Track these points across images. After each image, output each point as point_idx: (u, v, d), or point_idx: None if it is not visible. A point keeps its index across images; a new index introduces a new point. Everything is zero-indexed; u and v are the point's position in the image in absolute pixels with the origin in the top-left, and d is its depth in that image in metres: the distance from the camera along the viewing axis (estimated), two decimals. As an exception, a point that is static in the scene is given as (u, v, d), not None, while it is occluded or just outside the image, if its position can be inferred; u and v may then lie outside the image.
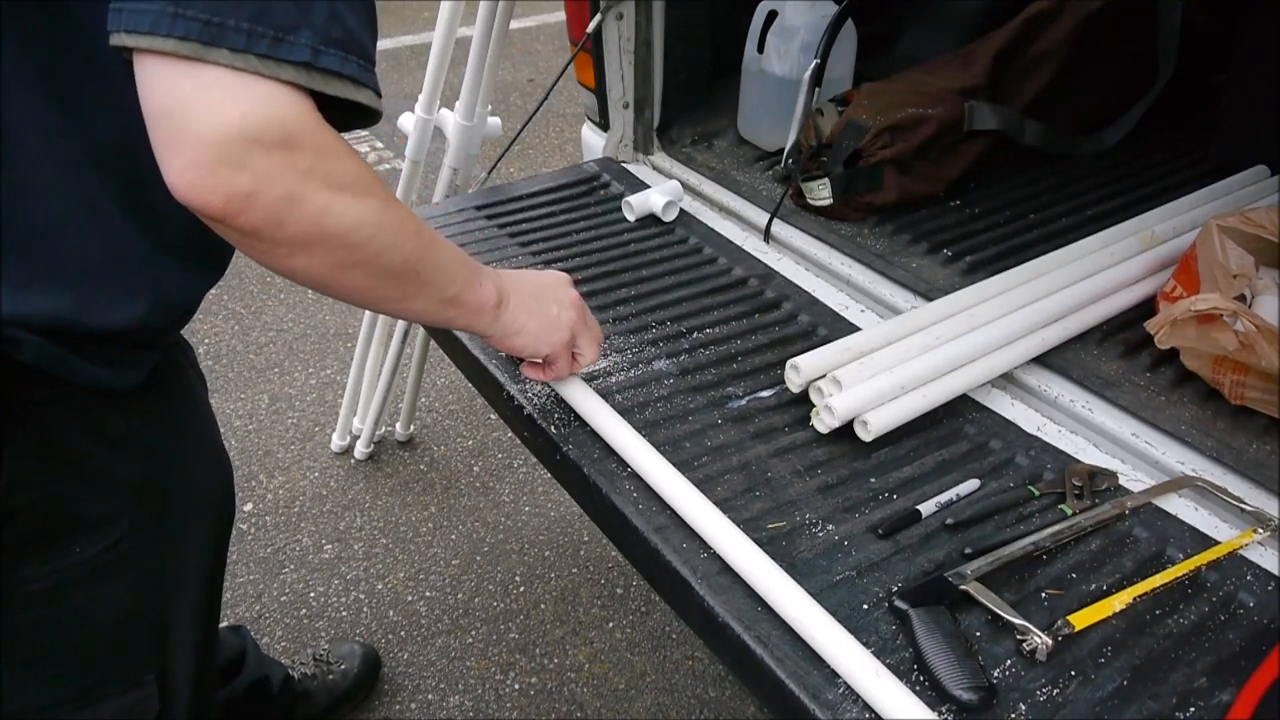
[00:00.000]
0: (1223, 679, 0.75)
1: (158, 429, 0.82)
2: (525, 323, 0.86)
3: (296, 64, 0.58)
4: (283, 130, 0.59)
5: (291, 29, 0.57)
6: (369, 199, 0.65)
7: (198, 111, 0.56)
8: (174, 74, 0.56)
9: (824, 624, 0.75)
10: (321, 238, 0.63)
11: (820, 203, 1.34)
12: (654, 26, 1.47)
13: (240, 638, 1.38)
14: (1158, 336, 1.03)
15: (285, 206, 0.60)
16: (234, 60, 0.56)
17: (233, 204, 0.58)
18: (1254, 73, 1.43)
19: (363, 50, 0.62)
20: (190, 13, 0.55)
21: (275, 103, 0.58)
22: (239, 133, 0.57)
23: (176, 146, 0.57)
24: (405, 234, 0.70)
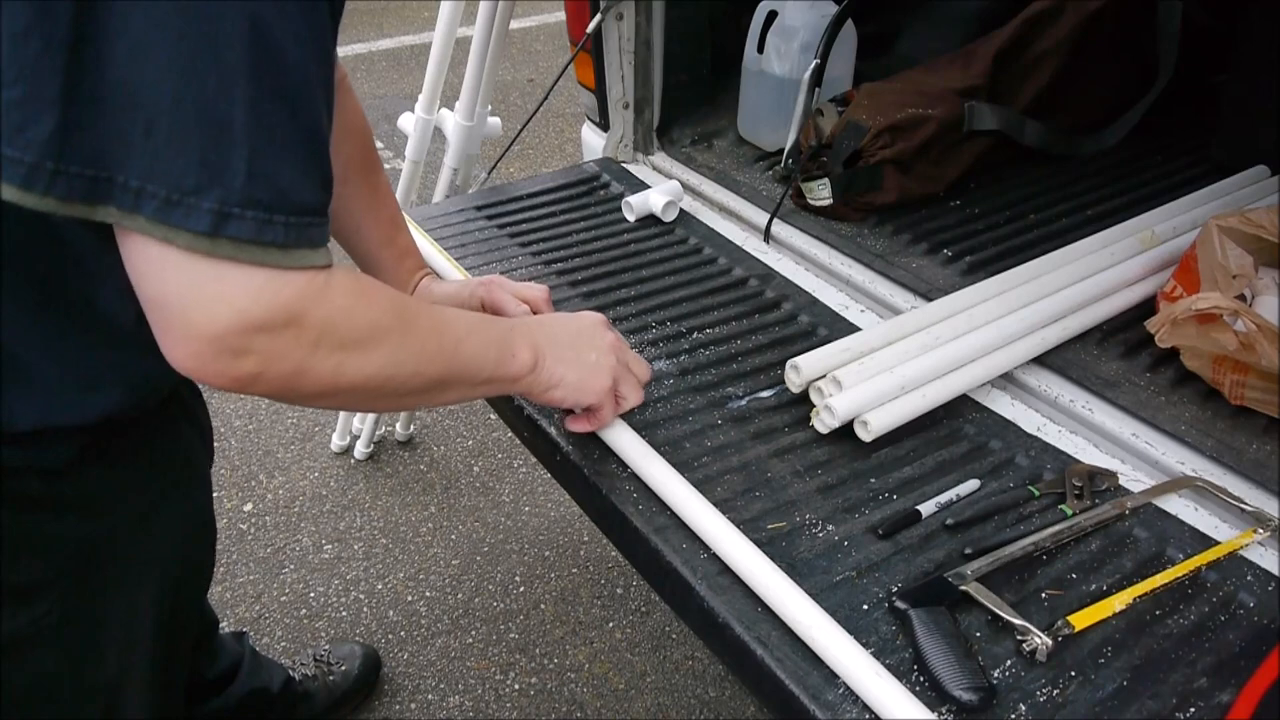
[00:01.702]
0: (1223, 679, 0.75)
1: (110, 488, 0.77)
2: (563, 374, 0.83)
3: (194, 232, 0.51)
4: (286, 313, 0.56)
5: (194, 190, 0.51)
6: (383, 345, 0.64)
7: (190, 307, 0.54)
8: (163, 257, 0.52)
9: (823, 624, 0.75)
10: (338, 391, 0.63)
11: (820, 203, 1.34)
12: (654, 26, 1.47)
13: (240, 645, 1.37)
14: (1158, 335, 1.03)
15: (294, 379, 0.59)
16: (124, 221, 0.51)
17: (240, 384, 0.57)
18: (1254, 73, 1.43)
19: (294, 203, 0.55)
20: (74, 168, 0.50)
21: (274, 285, 0.55)
22: (239, 325, 0.54)
23: (173, 337, 0.55)
24: (426, 359, 0.69)
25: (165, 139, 0.49)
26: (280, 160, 0.53)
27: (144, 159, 0.50)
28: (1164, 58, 1.53)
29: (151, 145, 0.49)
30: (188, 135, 0.50)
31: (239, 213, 0.52)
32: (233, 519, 1.89)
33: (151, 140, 0.49)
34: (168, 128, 0.49)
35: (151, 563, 0.84)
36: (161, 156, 0.50)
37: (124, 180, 0.50)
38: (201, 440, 0.96)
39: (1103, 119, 1.56)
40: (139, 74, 0.48)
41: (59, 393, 0.67)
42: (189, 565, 0.94)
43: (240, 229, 0.52)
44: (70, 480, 0.72)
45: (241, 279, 0.53)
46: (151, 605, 0.86)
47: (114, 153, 0.49)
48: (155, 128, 0.49)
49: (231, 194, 0.51)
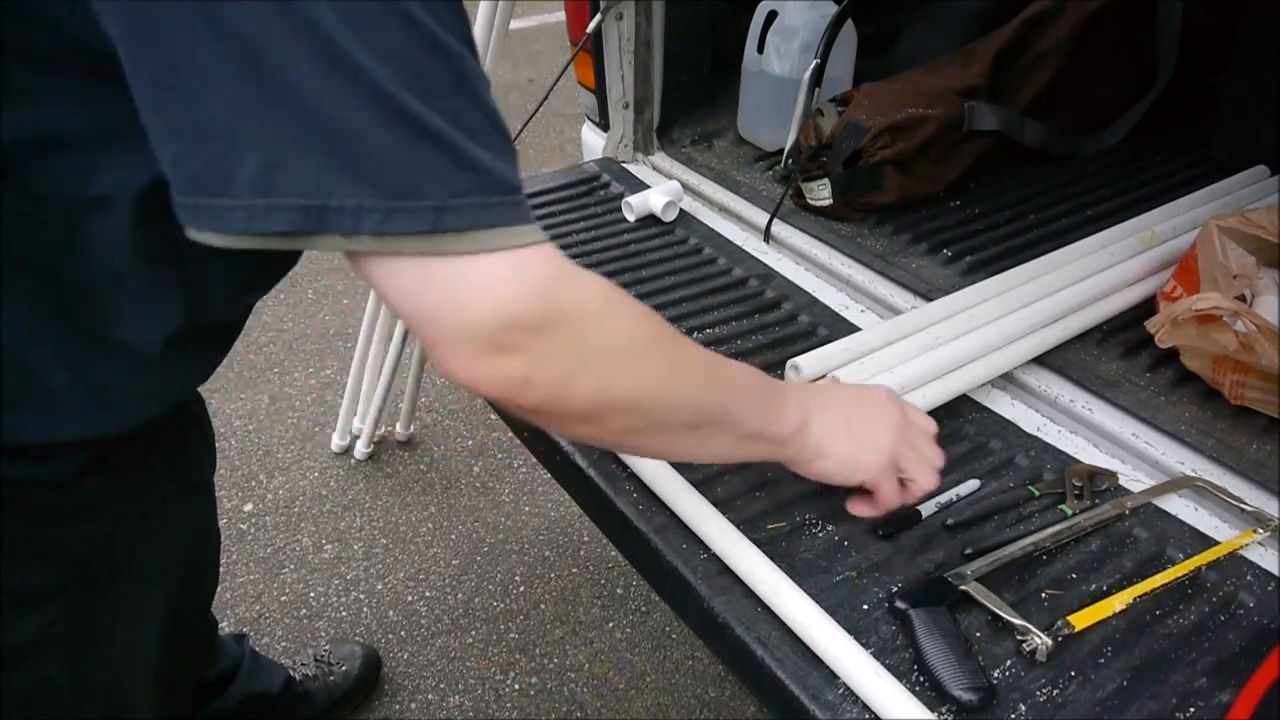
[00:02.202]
0: (1223, 679, 0.75)
1: (116, 497, 0.76)
2: (830, 446, 0.78)
3: (419, 234, 0.51)
4: (543, 300, 0.55)
5: (407, 193, 0.50)
6: (652, 358, 0.63)
7: (448, 313, 0.53)
8: (401, 270, 0.52)
9: (823, 624, 0.75)
10: (606, 409, 0.61)
11: (820, 203, 1.34)
12: (654, 26, 1.47)
13: (240, 647, 1.37)
14: (1158, 335, 1.03)
15: (564, 385, 0.58)
16: (346, 245, 0.50)
17: (513, 388, 0.57)
18: (1254, 73, 1.43)
19: (502, 183, 0.53)
20: (288, 201, 0.49)
21: (518, 267, 0.54)
22: (500, 316, 0.54)
23: (443, 349, 0.55)
24: (695, 384, 0.66)
25: (366, 151, 0.49)
26: (477, 145, 0.52)
27: (352, 177, 0.49)
28: (1164, 58, 1.53)
29: (357, 161, 0.49)
30: (386, 143, 0.49)
31: (455, 203, 0.51)
32: (233, 519, 1.89)
33: (357, 156, 0.49)
34: (367, 140, 0.49)
35: (157, 570, 0.84)
36: (367, 169, 0.49)
37: (338, 204, 0.49)
38: (207, 449, 0.96)
39: (1103, 119, 1.56)
40: (324, 93, 0.48)
41: (72, 409, 0.66)
42: (194, 572, 0.94)
43: (462, 218, 0.51)
44: (77, 490, 0.72)
45: (485, 270, 0.53)
46: (156, 612, 0.86)
47: (323, 177, 0.49)
48: (354, 146, 0.49)
49: (443, 187, 0.51)
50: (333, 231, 0.50)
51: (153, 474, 0.81)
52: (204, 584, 1.00)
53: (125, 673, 0.84)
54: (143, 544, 0.81)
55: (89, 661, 0.80)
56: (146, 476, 0.80)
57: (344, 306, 2.54)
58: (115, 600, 0.80)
